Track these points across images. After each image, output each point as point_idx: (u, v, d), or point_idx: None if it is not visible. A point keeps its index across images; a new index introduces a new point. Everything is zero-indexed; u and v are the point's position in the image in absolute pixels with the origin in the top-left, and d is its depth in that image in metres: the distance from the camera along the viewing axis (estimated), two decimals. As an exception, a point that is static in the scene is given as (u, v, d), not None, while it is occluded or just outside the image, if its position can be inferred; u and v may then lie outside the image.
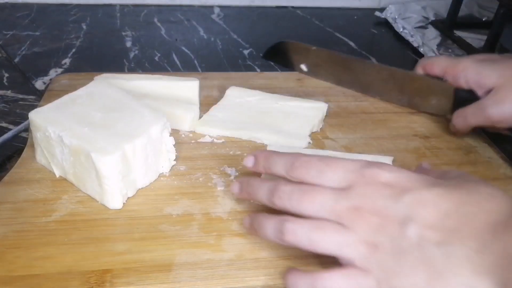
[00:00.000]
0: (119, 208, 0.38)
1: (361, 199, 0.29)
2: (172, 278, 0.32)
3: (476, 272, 0.25)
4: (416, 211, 0.28)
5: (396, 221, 0.28)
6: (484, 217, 0.27)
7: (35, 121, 0.40)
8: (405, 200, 0.28)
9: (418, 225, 0.27)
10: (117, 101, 0.43)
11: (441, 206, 0.27)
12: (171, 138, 0.42)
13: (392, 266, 0.28)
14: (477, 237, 0.26)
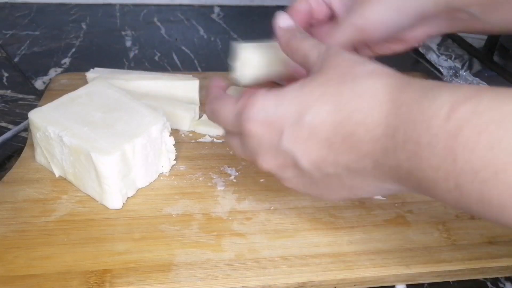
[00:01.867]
0: (119, 208, 0.38)
1: (251, 151, 0.31)
2: (172, 278, 0.32)
3: (383, 180, 0.27)
4: (298, 149, 0.28)
5: (290, 163, 0.29)
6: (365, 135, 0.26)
7: (34, 121, 0.40)
8: (284, 142, 0.29)
9: (307, 160, 0.28)
10: (117, 101, 0.43)
11: (318, 136, 0.27)
12: (171, 138, 0.42)
13: (316, 191, 0.31)
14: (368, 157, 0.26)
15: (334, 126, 0.27)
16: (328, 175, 0.29)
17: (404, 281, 0.35)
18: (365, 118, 0.26)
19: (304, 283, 0.33)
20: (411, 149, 0.24)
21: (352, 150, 0.27)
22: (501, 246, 0.36)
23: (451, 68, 0.69)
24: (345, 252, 0.35)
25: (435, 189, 0.24)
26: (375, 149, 0.26)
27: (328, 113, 0.27)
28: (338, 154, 0.27)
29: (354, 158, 0.27)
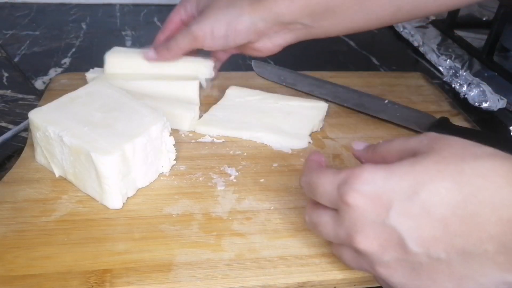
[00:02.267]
0: (119, 208, 0.38)
1: (351, 227, 0.28)
2: (172, 278, 0.32)
3: (505, 270, 0.24)
4: (407, 227, 0.26)
5: (395, 242, 0.26)
6: (490, 214, 0.24)
7: (34, 121, 0.40)
8: (392, 217, 0.26)
9: (417, 241, 0.25)
10: (117, 101, 0.43)
11: (434, 213, 0.25)
12: (171, 138, 0.42)
13: (413, 283, 0.27)
14: (493, 239, 0.24)
15: (453, 204, 0.24)
16: (438, 260, 0.25)
17: None
18: (491, 197, 0.24)
19: (304, 283, 0.33)
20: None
21: (472, 232, 0.24)
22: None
23: (451, 68, 0.68)
24: (345, 252, 0.35)
25: None
26: (503, 232, 0.23)
27: (447, 190, 0.25)
28: (455, 236, 0.24)
29: (474, 241, 0.24)
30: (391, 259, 0.27)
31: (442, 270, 0.26)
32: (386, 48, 0.83)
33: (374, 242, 0.27)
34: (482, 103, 0.60)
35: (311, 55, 0.76)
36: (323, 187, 0.29)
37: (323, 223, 0.30)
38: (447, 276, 0.26)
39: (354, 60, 0.75)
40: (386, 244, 0.26)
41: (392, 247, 0.26)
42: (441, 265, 0.25)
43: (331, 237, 0.30)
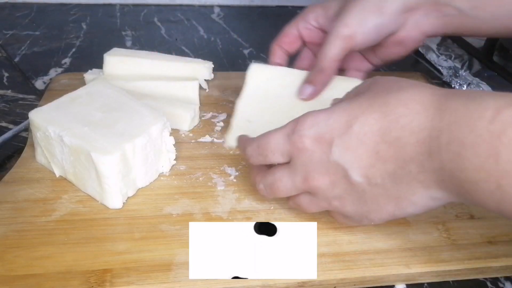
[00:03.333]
0: (119, 207, 0.38)
1: (304, 170, 0.31)
2: (172, 277, 0.32)
3: (427, 187, 0.27)
4: (348, 159, 0.29)
5: (339, 175, 0.30)
6: (410, 139, 0.27)
7: (35, 120, 0.40)
8: (334, 153, 0.30)
9: (356, 170, 0.29)
10: (117, 101, 0.43)
11: (366, 143, 0.29)
12: (171, 138, 0.42)
13: (362, 209, 0.31)
14: (413, 160, 0.27)
15: (382, 132, 0.28)
16: (376, 185, 0.29)
17: (404, 281, 0.35)
18: (410, 122, 0.27)
19: (304, 283, 0.33)
20: (455, 150, 0.25)
21: (398, 155, 0.28)
22: (501, 246, 0.36)
23: (451, 68, 0.69)
24: (345, 251, 0.35)
25: (476, 192, 0.25)
26: (420, 152, 0.27)
27: (375, 120, 0.28)
28: (385, 161, 0.28)
29: (400, 164, 0.28)
30: (341, 191, 0.31)
31: (380, 194, 0.29)
32: (386, 48, 0.83)
33: (326, 178, 0.31)
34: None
35: (311, 55, 0.76)
36: (274, 141, 0.33)
37: (279, 177, 0.33)
38: (386, 199, 0.29)
39: (354, 60, 0.75)
40: (335, 178, 0.30)
41: (339, 180, 0.30)
42: (379, 190, 0.29)
43: (288, 188, 0.33)
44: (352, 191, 0.30)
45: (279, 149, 0.33)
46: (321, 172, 0.31)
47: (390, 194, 0.29)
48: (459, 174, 0.25)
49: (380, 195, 0.30)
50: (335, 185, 0.31)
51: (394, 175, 0.28)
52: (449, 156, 0.25)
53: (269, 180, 0.34)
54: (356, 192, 0.30)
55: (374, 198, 0.30)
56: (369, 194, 0.30)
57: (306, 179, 0.32)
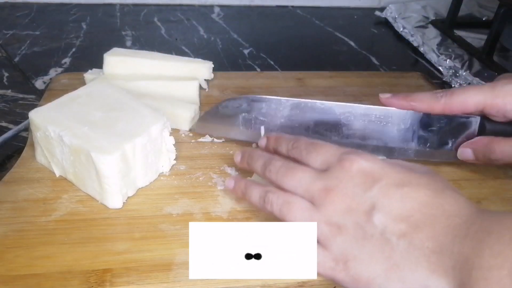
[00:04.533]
0: (119, 207, 0.38)
1: (334, 182, 0.31)
2: (172, 277, 0.32)
3: (432, 271, 0.26)
4: (382, 202, 0.29)
5: (362, 208, 0.29)
6: (445, 220, 0.27)
7: (35, 120, 0.40)
8: (374, 190, 0.29)
9: (383, 215, 0.29)
10: (117, 101, 0.43)
11: (407, 203, 0.29)
12: (171, 138, 0.42)
13: (353, 250, 0.29)
14: (436, 239, 0.27)
15: (423, 204, 0.28)
16: (387, 240, 0.28)
17: None
18: (452, 209, 0.28)
19: (304, 283, 0.33)
20: (480, 237, 0.25)
21: (424, 229, 0.28)
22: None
23: (451, 68, 0.69)
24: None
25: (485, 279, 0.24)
26: (446, 234, 0.27)
27: (424, 194, 0.29)
28: (410, 226, 0.28)
29: (422, 236, 0.27)
30: (349, 221, 0.29)
31: (383, 250, 0.28)
32: (386, 48, 0.83)
33: (346, 201, 0.30)
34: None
35: (311, 55, 0.76)
36: (327, 150, 0.33)
37: (301, 169, 0.33)
38: (383, 258, 0.28)
39: (354, 60, 0.75)
40: (355, 207, 0.30)
41: (358, 212, 0.29)
42: (386, 246, 0.28)
43: (300, 183, 0.32)
44: (361, 228, 0.29)
45: (325, 157, 0.32)
46: (347, 194, 0.30)
47: (392, 257, 0.28)
48: (474, 259, 0.25)
49: (381, 251, 0.28)
50: (349, 212, 0.30)
51: (410, 243, 0.28)
52: (472, 243, 0.25)
53: (287, 165, 0.33)
54: (363, 232, 0.29)
55: (374, 249, 0.28)
56: (373, 243, 0.29)
57: (329, 189, 0.30)
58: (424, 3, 0.90)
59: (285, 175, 0.33)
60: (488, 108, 0.37)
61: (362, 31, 0.88)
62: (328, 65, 0.72)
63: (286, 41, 0.81)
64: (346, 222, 0.30)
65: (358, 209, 0.29)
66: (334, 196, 0.30)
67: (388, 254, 0.28)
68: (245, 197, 0.35)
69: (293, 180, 0.32)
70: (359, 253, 0.29)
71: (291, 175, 0.33)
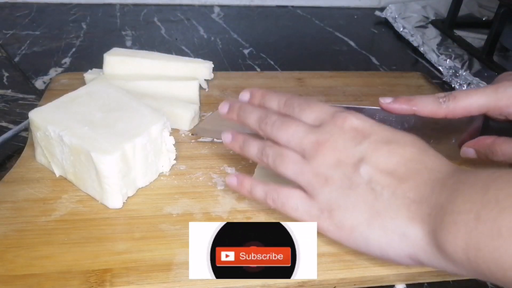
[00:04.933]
0: (119, 207, 0.38)
1: (325, 136, 0.32)
2: (172, 277, 0.32)
3: (410, 219, 0.28)
4: (370, 156, 0.30)
5: (350, 161, 0.31)
6: (427, 174, 0.29)
7: (35, 120, 0.40)
8: (364, 145, 0.31)
9: (370, 167, 0.30)
10: (117, 101, 0.43)
11: (393, 158, 0.30)
12: (171, 138, 0.42)
13: (338, 200, 0.31)
14: (417, 189, 0.29)
15: (409, 158, 0.30)
16: (372, 190, 0.30)
17: (404, 281, 0.35)
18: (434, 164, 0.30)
19: (304, 283, 0.33)
20: (455, 187, 0.27)
21: (407, 181, 0.29)
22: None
23: (451, 68, 0.69)
24: (345, 251, 0.35)
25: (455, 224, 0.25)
26: (427, 185, 0.29)
27: (410, 150, 0.31)
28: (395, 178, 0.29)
29: (405, 188, 0.29)
30: (338, 173, 0.31)
31: (368, 199, 0.30)
32: (386, 48, 0.83)
33: (336, 154, 0.31)
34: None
35: (311, 55, 0.76)
36: (321, 107, 0.34)
37: (294, 122, 0.33)
38: (367, 207, 0.30)
39: (354, 60, 0.75)
40: (343, 160, 0.31)
41: (346, 164, 0.31)
42: (370, 195, 0.30)
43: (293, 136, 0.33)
44: (347, 179, 0.31)
45: (318, 114, 0.33)
46: (337, 147, 0.31)
47: (374, 206, 0.29)
48: (447, 205, 0.26)
49: (365, 201, 0.30)
50: (338, 165, 0.31)
51: (393, 192, 0.29)
52: (448, 191, 0.27)
53: (282, 118, 0.34)
54: (349, 183, 0.30)
55: (358, 199, 0.30)
56: (358, 192, 0.30)
57: (320, 142, 0.32)
58: (424, 3, 0.90)
59: (279, 128, 0.34)
60: (491, 111, 0.38)
61: (362, 31, 0.88)
62: (328, 65, 0.72)
63: (286, 41, 0.81)
64: (334, 173, 0.31)
65: (347, 162, 0.31)
66: (325, 149, 0.31)
67: (371, 203, 0.30)
68: (243, 153, 0.36)
69: (287, 133, 0.33)
70: (344, 203, 0.30)
71: (285, 128, 0.33)
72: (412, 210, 0.28)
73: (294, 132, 0.33)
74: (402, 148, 0.31)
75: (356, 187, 0.30)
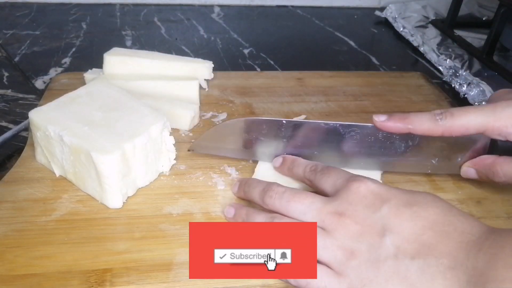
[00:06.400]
0: (119, 207, 0.38)
1: (344, 206, 0.31)
2: (172, 277, 0.32)
3: (447, 286, 0.26)
4: (393, 223, 0.29)
5: (374, 231, 0.29)
6: (457, 236, 0.28)
7: (35, 120, 0.40)
8: (384, 210, 0.30)
9: (395, 236, 0.29)
10: (117, 101, 0.43)
11: (418, 222, 0.29)
12: (171, 138, 0.42)
13: (367, 274, 0.29)
14: (451, 255, 0.27)
15: (435, 222, 0.29)
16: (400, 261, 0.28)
17: None
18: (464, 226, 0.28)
19: (304, 283, 0.33)
20: (493, 252, 0.26)
21: (438, 246, 0.28)
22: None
23: (451, 67, 0.69)
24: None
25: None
26: (460, 249, 0.27)
27: (435, 212, 0.29)
28: (423, 245, 0.28)
29: (436, 254, 0.28)
30: (362, 245, 0.29)
31: (399, 271, 0.28)
32: (386, 48, 0.83)
33: (358, 224, 0.30)
34: (482, 102, 0.60)
35: (311, 55, 0.76)
36: (338, 172, 0.34)
37: (309, 195, 0.33)
38: (400, 279, 0.28)
39: (354, 60, 0.75)
40: (367, 230, 0.29)
41: (370, 235, 0.29)
42: (401, 267, 0.28)
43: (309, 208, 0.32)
44: (374, 251, 0.29)
45: (335, 177, 0.33)
46: (358, 216, 0.30)
47: (407, 277, 0.28)
48: (488, 272, 0.25)
49: (397, 273, 0.28)
50: (362, 235, 0.30)
51: (424, 261, 0.28)
52: (486, 257, 0.26)
53: (293, 190, 0.34)
54: (377, 255, 0.29)
55: (389, 271, 0.28)
56: (388, 264, 0.28)
57: (340, 212, 0.31)
58: (424, 3, 0.90)
59: (292, 199, 0.33)
60: (489, 131, 0.36)
61: (362, 31, 0.88)
62: (328, 65, 0.72)
63: (286, 41, 0.81)
64: (359, 245, 0.29)
65: (370, 232, 0.29)
66: (345, 220, 0.30)
67: (403, 275, 0.28)
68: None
69: (302, 205, 0.32)
70: (374, 277, 0.28)
71: (298, 200, 0.33)
72: (448, 278, 0.27)
73: (309, 203, 0.32)
74: (425, 210, 0.29)
75: (385, 259, 0.28)
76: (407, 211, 0.29)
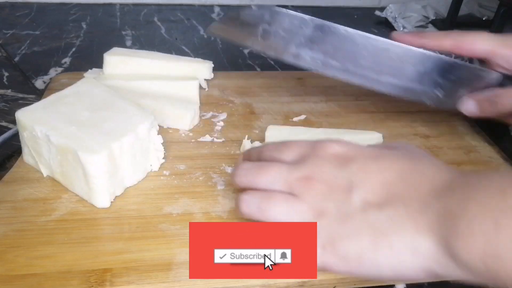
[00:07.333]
0: (107, 206, 0.38)
1: (310, 169, 0.31)
2: (172, 277, 0.32)
3: (418, 230, 0.26)
4: (360, 179, 0.29)
5: (342, 188, 0.30)
6: (427, 183, 0.28)
7: (21, 120, 0.39)
8: (351, 168, 0.30)
9: (362, 191, 0.29)
10: (104, 100, 0.42)
11: (386, 174, 0.29)
12: (159, 137, 0.41)
13: (337, 231, 0.29)
14: (420, 200, 0.27)
15: (402, 173, 0.29)
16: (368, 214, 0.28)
17: (404, 281, 0.35)
18: (433, 174, 0.28)
19: (304, 283, 0.33)
20: (465, 193, 0.26)
21: (407, 194, 0.28)
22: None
23: (451, 67, 0.68)
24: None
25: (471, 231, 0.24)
26: (430, 193, 0.27)
27: (401, 164, 0.29)
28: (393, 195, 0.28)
29: (405, 202, 0.28)
30: (331, 203, 0.29)
31: (368, 222, 0.28)
32: (386, 47, 0.82)
33: (325, 184, 0.30)
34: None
35: (311, 54, 0.76)
36: (299, 145, 0.33)
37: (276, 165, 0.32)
38: (367, 230, 0.28)
39: (354, 59, 0.75)
40: (335, 188, 0.30)
41: (338, 192, 0.29)
42: (370, 218, 0.28)
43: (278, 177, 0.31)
44: (342, 208, 0.29)
45: (297, 149, 0.33)
46: (325, 178, 0.30)
47: (376, 227, 0.28)
48: (458, 211, 0.25)
49: (366, 225, 0.28)
50: (330, 194, 0.30)
51: (393, 210, 0.28)
52: (457, 196, 0.26)
53: (258, 164, 0.33)
54: (345, 211, 0.29)
55: (358, 224, 0.28)
56: (357, 218, 0.29)
57: (307, 177, 0.30)
58: (424, 3, 0.90)
59: (258, 173, 0.33)
60: (496, 57, 0.36)
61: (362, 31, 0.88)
62: (328, 65, 0.72)
63: (286, 41, 0.81)
64: (327, 204, 0.30)
65: (338, 189, 0.30)
66: (313, 182, 0.30)
67: (373, 225, 0.28)
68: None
69: (268, 176, 0.32)
70: (344, 232, 0.29)
71: (265, 172, 0.32)
72: (418, 221, 0.26)
73: (275, 173, 0.32)
74: (393, 162, 0.29)
75: (353, 214, 0.29)
76: (374, 165, 0.30)
